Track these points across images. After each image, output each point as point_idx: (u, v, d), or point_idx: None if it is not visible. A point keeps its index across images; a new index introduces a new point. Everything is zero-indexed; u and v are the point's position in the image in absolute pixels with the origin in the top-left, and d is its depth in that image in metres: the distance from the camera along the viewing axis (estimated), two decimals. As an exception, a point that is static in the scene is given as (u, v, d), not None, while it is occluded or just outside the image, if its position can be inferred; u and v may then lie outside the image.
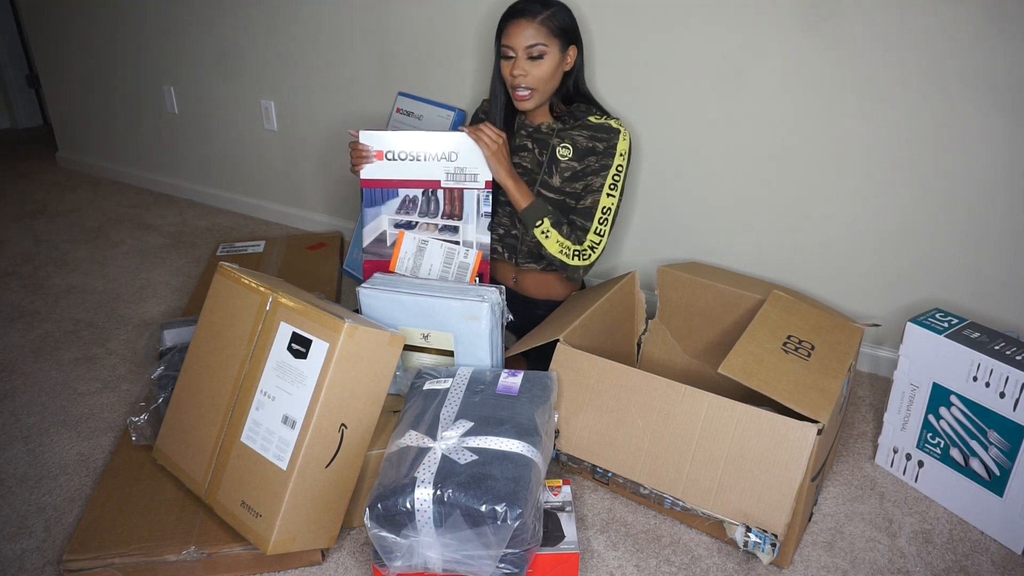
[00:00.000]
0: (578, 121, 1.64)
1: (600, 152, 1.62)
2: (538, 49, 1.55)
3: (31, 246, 2.61)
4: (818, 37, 1.66)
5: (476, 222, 1.66)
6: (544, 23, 1.55)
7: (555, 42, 1.56)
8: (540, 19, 1.55)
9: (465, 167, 1.61)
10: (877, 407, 1.73)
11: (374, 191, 1.64)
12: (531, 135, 1.69)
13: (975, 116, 1.57)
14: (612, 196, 1.62)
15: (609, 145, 1.61)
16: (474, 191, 1.64)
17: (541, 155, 1.67)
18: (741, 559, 1.31)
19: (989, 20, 1.50)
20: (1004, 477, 1.32)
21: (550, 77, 1.59)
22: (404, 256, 1.65)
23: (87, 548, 1.22)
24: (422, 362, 1.53)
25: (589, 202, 1.62)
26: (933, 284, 1.74)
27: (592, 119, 1.64)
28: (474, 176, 1.62)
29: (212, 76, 2.73)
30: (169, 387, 1.48)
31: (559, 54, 1.58)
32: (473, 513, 1.09)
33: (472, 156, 1.62)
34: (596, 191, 1.62)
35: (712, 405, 1.30)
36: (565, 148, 1.63)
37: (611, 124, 1.63)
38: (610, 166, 1.61)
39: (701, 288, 1.71)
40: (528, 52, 1.55)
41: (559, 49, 1.58)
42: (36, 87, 4.06)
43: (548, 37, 1.55)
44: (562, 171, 1.64)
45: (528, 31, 1.54)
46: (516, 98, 1.60)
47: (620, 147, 1.61)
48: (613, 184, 1.62)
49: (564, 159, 1.64)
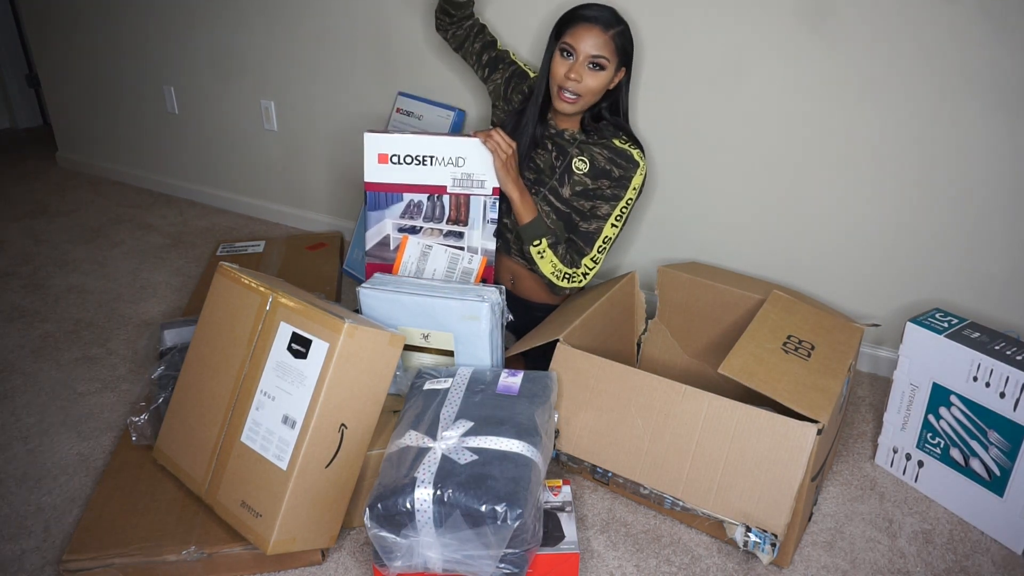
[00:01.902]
0: (602, 139, 1.63)
1: (615, 179, 1.61)
2: (602, 61, 1.53)
3: (31, 246, 2.61)
4: (818, 37, 1.66)
5: (482, 228, 1.63)
6: (614, 38, 1.54)
7: (616, 59, 1.55)
8: (612, 33, 1.53)
9: (472, 173, 1.58)
10: (877, 407, 1.73)
11: (378, 194, 1.61)
12: (552, 137, 1.67)
13: (976, 116, 1.57)
14: (616, 227, 1.63)
15: (625, 176, 1.60)
16: (480, 197, 1.61)
17: (556, 160, 1.65)
18: (741, 559, 1.31)
19: (990, 19, 1.50)
20: (1004, 477, 1.32)
21: (600, 90, 1.57)
22: (407, 261, 1.63)
23: (87, 548, 1.22)
24: (422, 362, 1.53)
25: (593, 227, 1.62)
26: (933, 284, 1.74)
27: (616, 142, 1.63)
28: (481, 182, 1.59)
29: (212, 76, 2.73)
30: (169, 387, 1.48)
31: (614, 72, 1.57)
32: (473, 513, 1.09)
33: (480, 162, 1.58)
34: (602, 218, 1.61)
35: (712, 405, 1.30)
36: (582, 161, 1.62)
37: (633, 154, 1.61)
38: (621, 198, 1.61)
39: (701, 288, 1.71)
40: (591, 59, 1.53)
41: (615, 67, 1.56)
42: (36, 87, 4.06)
43: (613, 53, 1.54)
44: (574, 184, 1.63)
45: (599, 40, 1.52)
46: (562, 98, 1.57)
47: (635, 181, 1.61)
48: (620, 216, 1.62)
49: (579, 172, 1.63)
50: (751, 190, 1.87)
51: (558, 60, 1.56)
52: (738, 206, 1.90)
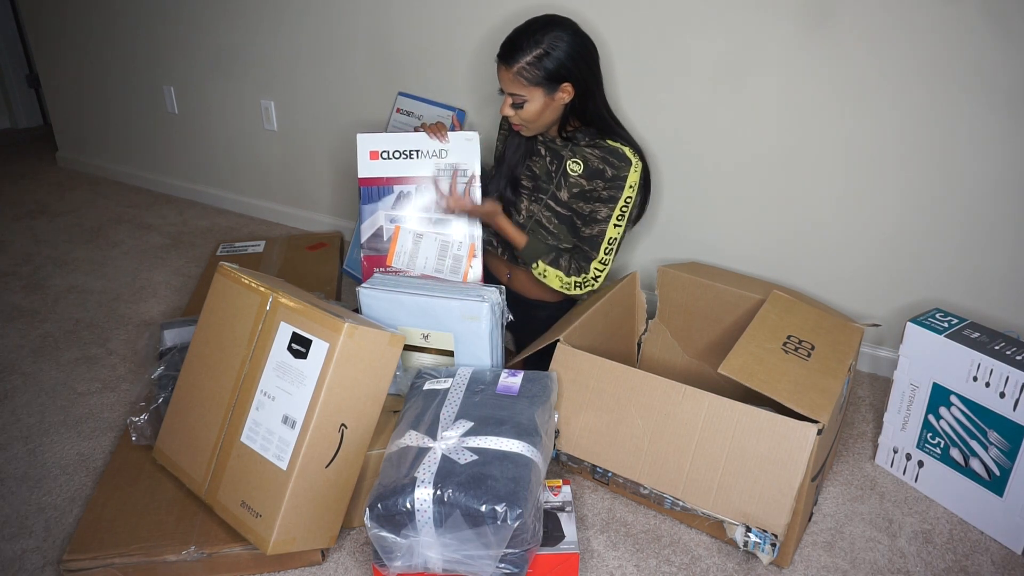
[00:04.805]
0: (593, 140, 1.61)
1: (608, 179, 1.59)
2: (517, 98, 1.51)
3: (31, 246, 2.61)
4: (818, 37, 1.66)
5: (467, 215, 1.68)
6: (519, 74, 1.47)
7: (536, 89, 1.49)
8: (516, 69, 1.47)
9: (455, 162, 1.65)
10: (877, 407, 1.73)
11: (371, 189, 1.68)
12: (545, 143, 1.67)
13: (976, 116, 1.57)
14: (619, 226, 1.62)
15: (619, 175, 1.58)
16: (464, 185, 1.66)
17: (552, 165, 1.66)
18: (741, 559, 1.31)
19: (989, 20, 1.50)
20: (1004, 477, 1.32)
21: (537, 117, 1.54)
22: (400, 251, 1.68)
23: (87, 548, 1.22)
24: (422, 362, 1.53)
25: (596, 231, 1.61)
26: (933, 284, 1.74)
27: (609, 141, 1.60)
28: (464, 171, 1.65)
29: (212, 76, 2.73)
30: (169, 387, 1.48)
31: (544, 97, 1.51)
32: (473, 513, 1.09)
33: (462, 152, 1.65)
34: (603, 221, 1.61)
35: (712, 405, 1.30)
36: (576, 163, 1.62)
37: (625, 152, 1.58)
38: (619, 198, 1.59)
39: (701, 288, 1.71)
40: (511, 98, 1.52)
41: (543, 93, 1.51)
42: (36, 87, 4.06)
43: (524, 87, 1.49)
44: (570, 186, 1.63)
45: (506, 78, 1.50)
46: (515, 127, 1.60)
47: (631, 179, 1.58)
48: (621, 215, 1.61)
49: (574, 174, 1.62)
50: (751, 190, 1.87)
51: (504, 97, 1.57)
52: (738, 206, 1.90)
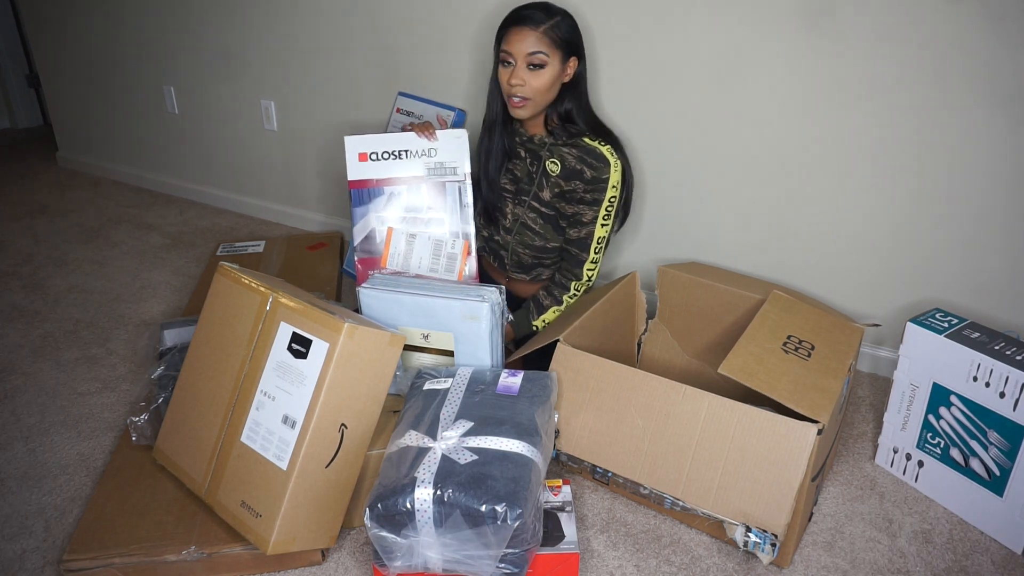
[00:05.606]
0: (571, 139, 1.61)
1: (588, 180, 1.58)
2: (539, 58, 1.52)
3: (31, 246, 2.61)
4: (819, 37, 1.66)
5: (459, 213, 1.69)
6: (547, 33, 1.52)
7: (557, 53, 1.54)
8: (543, 28, 1.52)
9: (445, 161, 1.65)
10: (877, 407, 1.73)
11: (361, 191, 1.67)
12: (524, 144, 1.68)
13: (976, 115, 1.57)
14: (606, 225, 1.63)
15: (599, 177, 1.57)
16: (455, 183, 1.67)
17: (532, 166, 1.67)
18: (741, 559, 1.31)
19: (991, 19, 1.50)
20: (1004, 477, 1.32)
21: (548, 88, 1.56)
22: (394, 252, 1.68)
23: (87, 548, 1.22)
24: (422, 362, 1.53)
25: (584, 233, 1.63)
26: (933, 284, 1.74)
27: (586, 140, 1.60)
28: (453, 169, 1.65)
29: (212, 76, 2.73)
30: (169, 387, 1.48)
31: (560, 65, 1.55)
32: (473, 513, 1.09)
33: (451, 150, 1.65)
34: (589, 223, 1.62)
35: (712, 405, 1.30)
36: (554, 163, 1.62)
37: (602, 152, 1.57)
38: (602, 200, 1.60)
39: (701, 288, 1.71)
40: (528, 60, 1.52)
41: (560, 60, 1.55)
42: (36, 87, 4.06)
43: (550, 47, 1.53)
44: (551, 186, 1.64)
45: (530, 39, 1.52)
46: (511, 105, 1.58)
47: (612, 180, 1.58)
48: (607, 215, 1.62)
49: (553, 174, 1.63)
50: (751, 190, 1.87)
51: (501, 71, 1.58)
52: (738, 206, 1.90)
